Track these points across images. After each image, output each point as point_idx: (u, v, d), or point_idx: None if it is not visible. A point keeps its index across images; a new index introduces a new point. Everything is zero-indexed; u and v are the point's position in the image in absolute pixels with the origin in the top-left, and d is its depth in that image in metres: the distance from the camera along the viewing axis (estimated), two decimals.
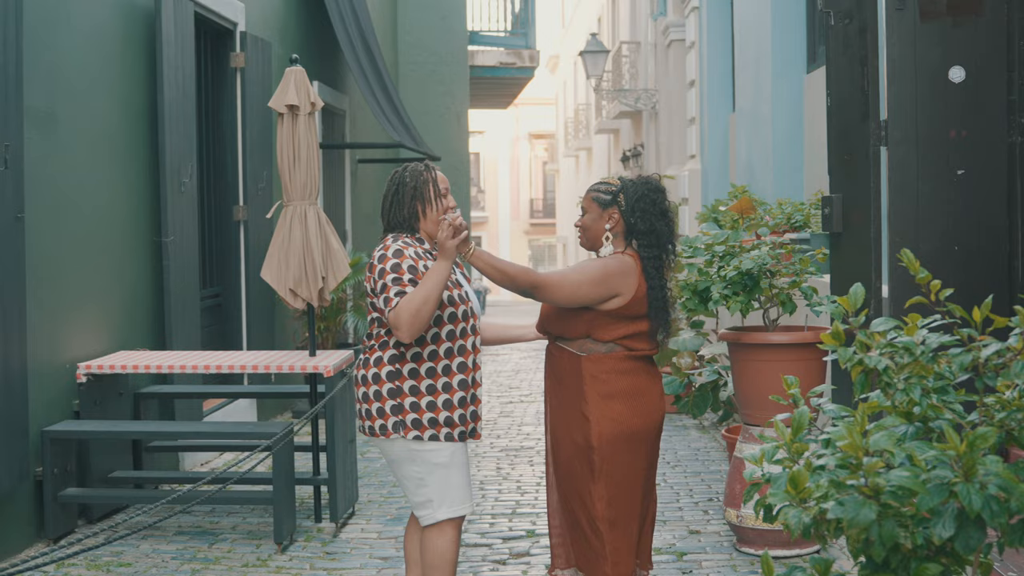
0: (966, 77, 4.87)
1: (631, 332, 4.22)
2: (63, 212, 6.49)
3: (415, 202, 4.30)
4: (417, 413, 4.20)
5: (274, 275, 6.45)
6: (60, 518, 6.15)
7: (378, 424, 4.25)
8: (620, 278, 4.16)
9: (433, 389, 4.22)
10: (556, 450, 4.34)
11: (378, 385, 4.24)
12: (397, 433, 4.21)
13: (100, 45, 7.00)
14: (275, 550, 6.02)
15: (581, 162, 36.19)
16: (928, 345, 2.71)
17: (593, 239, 4.33)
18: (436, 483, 4.25)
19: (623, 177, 4.37)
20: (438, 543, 4.31)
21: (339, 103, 12.97)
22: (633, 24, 21.71)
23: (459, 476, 4.30)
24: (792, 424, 2.76)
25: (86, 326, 6.73)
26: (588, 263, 4.23)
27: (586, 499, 4.21)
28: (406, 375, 4.21)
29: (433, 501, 4.27)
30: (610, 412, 4.18)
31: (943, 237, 4.93)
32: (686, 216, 14.42)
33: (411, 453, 4.24)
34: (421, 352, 4.22)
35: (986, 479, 2.36)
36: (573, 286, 4.13)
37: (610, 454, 4.18)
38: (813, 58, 9.84)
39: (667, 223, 4.27)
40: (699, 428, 9.26)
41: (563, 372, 4.28)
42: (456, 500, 4.30)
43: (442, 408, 4.22)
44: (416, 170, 4.36)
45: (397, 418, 4.20)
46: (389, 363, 4.23)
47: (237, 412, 8.90)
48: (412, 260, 4.16)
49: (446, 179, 4.43)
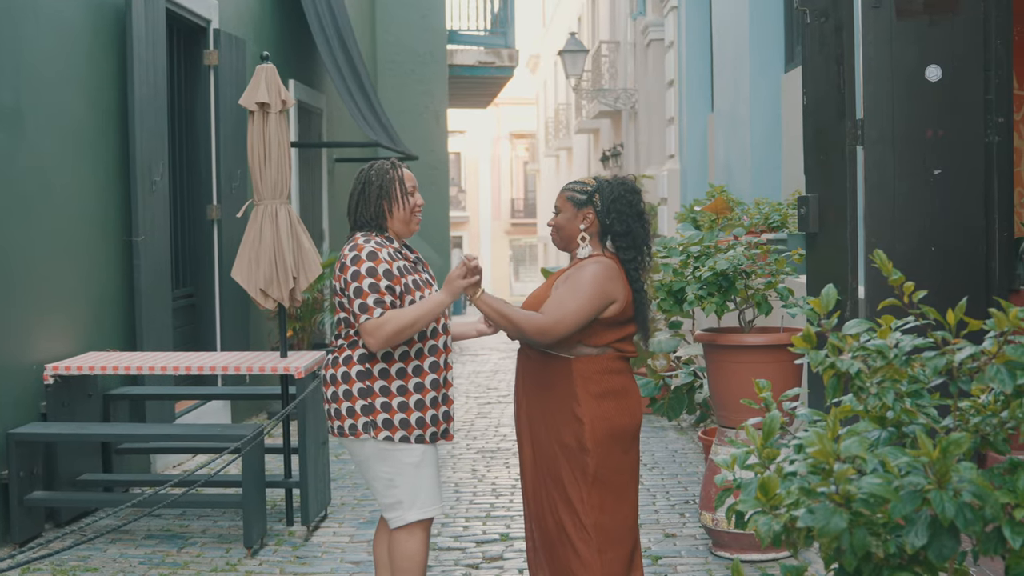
0: (943, 76, 4.82)
1: (623, 336, 4.17)
2: (29, 210, 6.39)
3: (381, 201, 4.23)
4: (388, 413, 4.13)
5: (244, 275, 6.36)
6: (26, 522, 6.05)
7: (348, 424, 4.18)
8: (612, 284, 4.10)
9: (404, 389, 4.16)
10: (536, 456, 4.23)
11: (348, 384, 4.17)
12: (367, 433, 4.14)
13: (68, 41, 6.90)
14: (245, 554, 5.93)
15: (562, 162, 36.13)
16: (901, 348, 2.65)
17: (567, 239, 4.26)
18: (406, 484, 4.19)
19: (599, 177, 4.30)
20: (407, 546, 4.24)
21: (316, 102, 12.88)
22: (613, 23, 21.66)
23: (430, 477, 4.24)
24: (763, 429, 2.70)
25: (53, 327, 6.63)
26: (576, 280, 4.10)
27: (577, 505, 4.11)
28: (376, 375, 4.15)
29: (403, 503, 4.21)
30: (602, 411, 4.11)
31: (920, 237, 4.88)
32: (665, 216, 14.38)
33: (381, 453, 4.17)
34: (392, 352, 4.16)
35: (960, 486, 2.30)
36: (577, 314, 4.02)
37: (603, 455, 4.10)
38: (791, 57, 9.80)
39: (643, 224, 4.20)
40: (677, 429, 9.21)
41: (547, 375, 4.17)
42: (426, 502, 4.24)
43: (414, 408, 4.16)
44: (382, 168, 4.29)
45: (367, 418, 4.14)
46: (359, 362, 4.17)
47: (211, 414, 8.80)
48: (387, 263, 4.09)
49: (413, 177, 4.35)
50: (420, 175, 15.88)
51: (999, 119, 4.84)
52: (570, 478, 4.12)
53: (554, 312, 4.04)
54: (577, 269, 4.16)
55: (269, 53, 6.62)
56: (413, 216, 4.28)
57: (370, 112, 12.09)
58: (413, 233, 4.33)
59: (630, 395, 4.22)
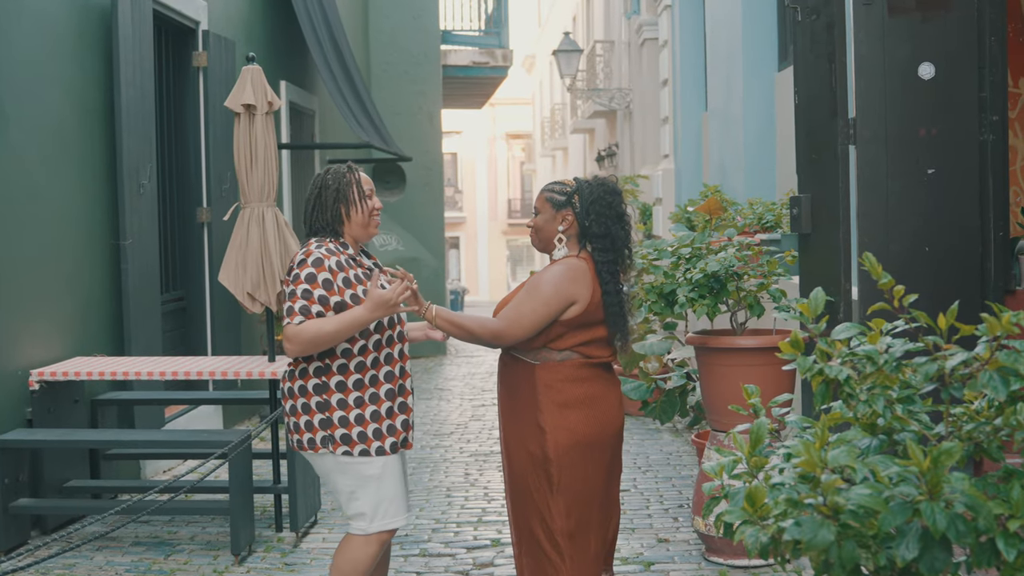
0: (936, 74, 4.75)
1: (588, 339, 4.09)
2: (12, 214, 6.31)
3: (338, 204, 4.15)
4: (346, 428, 4.06)
5: (232, 279, 6.30)
6: (12, 529, 5.98)
7: (306, 438, 4.11)
8: (572, 285, 4.02)
9: (361, 401, 4.08)
10: (510, 463, 4.19)
11: (305, 398, 4.10)
12: (325, 448, 4.08)
13: (53, 41, 6.82)
14: (232, 561, 5.86)
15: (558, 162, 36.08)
16: (892, 354, 2.58)
17: (545, 240, 4.20)
18: (368, 497, 4.12)
19: (579, 178, 4.24)
20: (359, 553, 4.18)
21: (308, 103, 12.80)
22: (608, 23, 21.61)
23: (392, 488, 4.17)
24: (750, 436, 2.63)
25: (38, 332, 6.55)
26: (535, 282, 4.07)
27: (544, 513, 4.07)
28: (333, 388, 4.08)
29: (366, 514, 4.15)
30: (565, 422, 4.05)
31: (914, 238, 4.80)
32: (660, 216, 14.31)
33: (341, 466, 4.11)
34: (347, 364, 4.08)
35: (952, 497, 2.23)
36: (532, 316, 3.99)
37: (567, 465, 4.05)
38: (784, 56, 9.73)
39: (623, 226, 4.14)
40: (672, 431, 9.14)
41: (516, 381, 4.14)
42: (388, 513, 4.17)
43: (370, 420, 4.08)
44: (338, 171, 4.21)
45: (325, 433, 4.07)
46: (315, 375, 4.09)
47: (201, 419, 8.73)
48: (330, 273, 4.02)
49: (370, 180, 4.28)
50: (414, 176, 15.88)
51: (993, 117, 4.76)
52: (535, 486, 4.08)
53: (508, 315, 4.01)
54: (541, 271, 4.12)
55: (255, 54, 6.55)
56: (371, 219, 4.20)
57: (362, 113, 12.02)
58: (372, 237, 4.26)
59: (599, 404, 4.12)
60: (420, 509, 6.88)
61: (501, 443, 4.29)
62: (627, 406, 10.00)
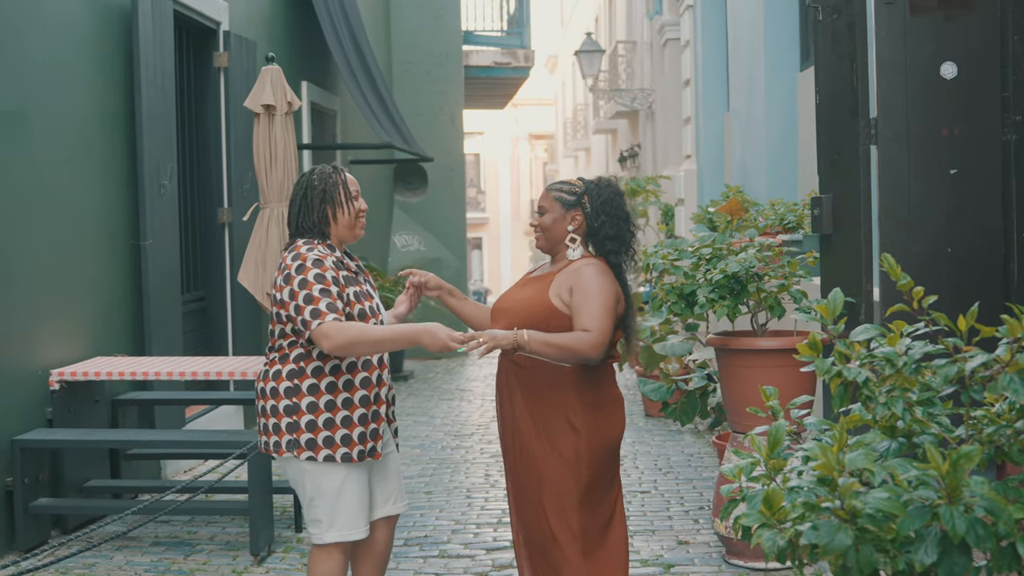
0: (958, 73, 4.71)
1: (615, 340, 4.09)
2: (34, 214, 6.33)
3: (325, 206, 4.11)
4: (312, 432, 4.00)
5: (251, 278, 6.31)
6: (32, 529, 5.99)
7: (272, 441, 4.06)
8: (613, 284, 4.03)
9: (332, 405, 4.02)
10: (536, 468, 4.10)
11: (275, 400, 4.05)
12: (290, 452, 4.03)
13: (73, 43, 6.84)
14: (252, 561, 5.86)
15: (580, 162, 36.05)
16: (911, 356, 2.55)
17: (553, 241, 4.15)
18: (325, 506, 4.07)
19: (583, 179, 4.21)
20: (323, 566, 4.14)
21: (329, 103, 12.81)
22: (630, 23, 21.57)
23: (352, 500, 4.10)
24: (768, 439, 2.61)
25: (59, 332, 6.57)
26: (587, 285, 3.96)
27: (568, 512, 4.03)
28: (305, 391, 4.02)
29: (322, 522, 4.10)
30: (598, 422, 4.04)
31: (935, 239, 4.76)
32: (682, 217, 14.27)
33: (302, 474, 4.07)
34: (323, 366, 4.03)
35: (971, 501, 2.20)
36: (609, 318, 3.93)
37: (597, 464, 4.04)
38: (807, 56, 9.69)
39: (631, 227, 4.12)
40: (693, 433, 9.10)
41: (541, 384, 4.05)
42: (345, 524, 4.10)
43: (340, 425, 4.02)
44: (324, 172, 4.17)
45: (291, 436, 4.01)
46: (288, 378, 4.04)
47: (222, 419, 8.74)
48: (333, 271, 3.99)
49: (356, 181, 4.24)
50: (436, 177, 15.90)
51: (1016, 117, 4.72)
52: (564, 488, 4.02)
53: (592, 323, 3.90)
54: (575, 274, 4.04)
55: (275, 55, 6.56)
56: (358, 221, 4.17)
57: (383, 113, 12.02)
58: (357, 238, 4.22)
59: (620, 405, 4.16)
60: (440, 510, 6.87)
61: (514, 449, 4.18)
62: (648, 407, 9.99)
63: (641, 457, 8.26)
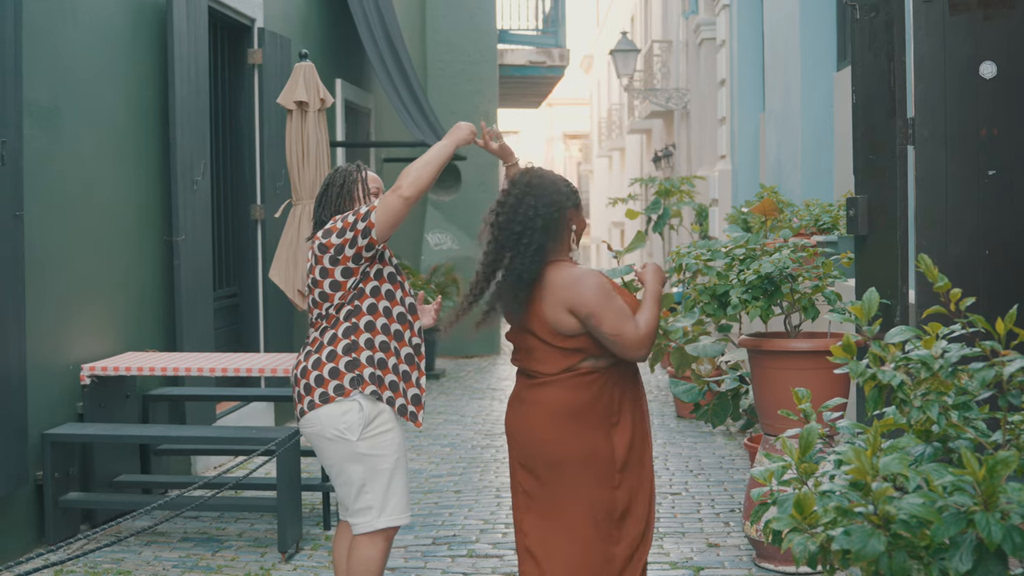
0: (998, 73, 4.63)
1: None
2: (67, 210, 6.35)
3: (342, 200, 4.30)
4: (375, 367, 4.14)
5: (282, 275, 6.30)
6: (61, 523, 6.01)
7: (333, 385, 4.11)
8: None
9: (387, 347, 4.18)
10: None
11: (333, 345, 4.15)
12: (355, 388, 4.09)
13: (107, 39, 6.86)
14: (279, 559, 5.85)
15: (615, 162, 35.97)
16: (947, 359, 2.50)
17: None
18: (378, 491, 4.14)
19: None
20: (368, 552, 4.19)
21: (364, 101, 12.82)
22: (665, 23, 21.48)
23: (402, 484, 4.21)
24: (800, 442, 2.56)
25: (91, 327, 6.59)
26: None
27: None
28: (363, 345, 4.14)
29: (373, 508, 4.15)
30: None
31: (973, 240, 4.69)
32: (716, 218, 14.19)
33: (356, 456, 4.12)
34: (374, 321, 4.16)
35: (1008, 507, 2.15)
36: None
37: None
38: (843, 55, 9.61)
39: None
40: (725, 435, 9.04)
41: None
42: (396, 508, 4.19)
43: (391, 371, 4.18)
44: (346, 170, 4.37)
45: (353, 373, 4.10)
46: (343, 336, 4.15)
47: (253, 415, 8.75)
48: None
49: (377, 178, 4.42)
50: (470, 176, 15.87)
51: None
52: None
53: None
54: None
55: (308, 51, 6.55)
56: None
57: (417, 111, 12.01)
58: None
59: None
60: (469, 509, 6.84)
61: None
62: (679, 408, 9.93)
63: (672, 458, 8.21)
